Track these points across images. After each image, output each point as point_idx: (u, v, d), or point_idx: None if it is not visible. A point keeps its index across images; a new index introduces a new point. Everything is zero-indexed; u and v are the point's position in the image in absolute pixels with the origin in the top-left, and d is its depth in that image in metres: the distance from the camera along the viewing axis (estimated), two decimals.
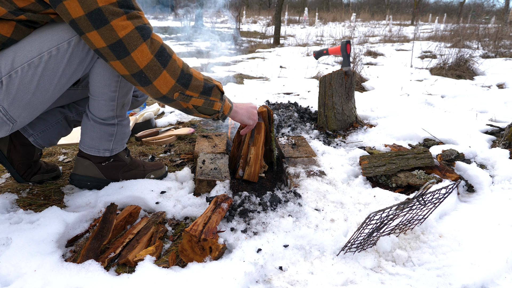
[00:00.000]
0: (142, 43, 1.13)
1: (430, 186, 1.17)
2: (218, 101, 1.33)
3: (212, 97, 1.31)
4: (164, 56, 1.17)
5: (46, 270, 1.03)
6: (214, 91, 1.31)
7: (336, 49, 2.41)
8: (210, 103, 1.31)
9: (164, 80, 1.19)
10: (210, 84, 1.30)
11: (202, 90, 1.27)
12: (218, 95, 1.33)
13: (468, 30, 10.08)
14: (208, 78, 1.31)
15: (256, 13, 24.50)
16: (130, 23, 1.11)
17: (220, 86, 1.34)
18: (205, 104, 1.30)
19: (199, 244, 1.10)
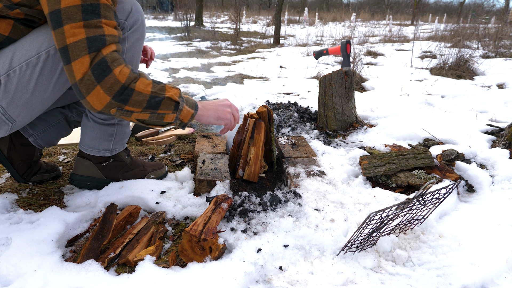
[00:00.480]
0: (86, 55, 1.04)
1: (430, 186, 1.17)
2: (170, 113, 1.20)
3: (161, 110, 1.17)
4: (102, 70, 1.05)
5: (46, 270, 1.03)
6: (164, 104, 1.17)
7: (336, 49, 2.41)
8: (159, 116, 1.19)
9: (97, 96, 1.07)
10: (159, 97, 1.15)
11: (146, 105, 1.14)
12: (171, 107, 1.19)
13: (468, 30, 10.09)
14: (159, 90, 1.16)
15: (256, 13, 24.51)
16: (84, 31, 1.04)
17: (173, 96, 1.19)
18: (152, 117, 1.18)
19: (199, 244, 1.10)
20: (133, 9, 1.31)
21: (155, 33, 10.32)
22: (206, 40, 8.92)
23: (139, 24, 1.34)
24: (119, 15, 1.27)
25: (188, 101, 1.26)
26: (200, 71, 4.89)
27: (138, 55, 1.40)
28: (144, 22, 1.38)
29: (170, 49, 7.05)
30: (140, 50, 1.41)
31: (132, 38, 1.33)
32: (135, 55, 1.37)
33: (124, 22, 1.29)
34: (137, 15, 1.33)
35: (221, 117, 1.38)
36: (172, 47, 7.30)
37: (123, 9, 1.28)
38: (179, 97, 1.21)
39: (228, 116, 1.40)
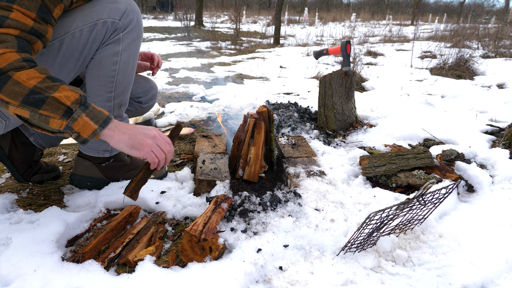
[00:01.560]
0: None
1: (430, 186, 1.17)
2: (57, 118, 1.00)
3: (43, 111, 0.98)
4: None
5: (46, 270, 1.03)
6: (48, 105, 0.98)
7: (336, 49, 2.41)
8: (42, 118, 1.00)
9: None
10: (42, 94, 0.97)
11: (24, 100, 0.97)
12: (58, 111, 0.99)
13: (468, 30, 10.08)
14: (47, 87, 0.99)
15: (256, 13, 24.51)
16: None
17: (63, 98, 0.99)
18: (33, 117, 1.00)
19: (199, 244, 1.10)
20: (128, 9, 1.27)
21: (155, 33, 10.32)
22: (206, 40, 8.92)
23: (134, 24, 1.30)
24: (113, 15, 1.23)
25: (93, 113, 1.04)
26: (200, 71, 4.89)
27: (135, 57, 1.36)
28: (141, 22, 1.34)
29: (170, 49, 7.05)
30: (137, 51, 1.37)
31: (128, 39, 1.30)
32: (131, 56, 1.34)
33: (118, 22, 1.25)
34: (132, 15, 1.29)
35: (136, 147, 1.12)
36: (172, 47, 7.30)
37: (117, 9, 1.24)
38: (74, 103, 1.01)
39: (146, 149, 1.13)
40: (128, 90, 1.43)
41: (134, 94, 1.64)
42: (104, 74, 1.31)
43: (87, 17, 1.20)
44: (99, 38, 1.24)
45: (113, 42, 1.27)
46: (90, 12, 1.21)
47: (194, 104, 3.10)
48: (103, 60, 1.28)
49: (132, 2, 1.31)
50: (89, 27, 1.21)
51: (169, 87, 3.86)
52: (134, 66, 1.38)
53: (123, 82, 1.36)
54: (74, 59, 1.24)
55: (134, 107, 1.67)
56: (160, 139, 1.16)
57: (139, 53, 1.42)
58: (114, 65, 1.30)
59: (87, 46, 1.23)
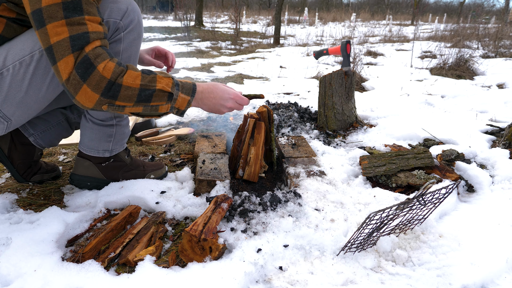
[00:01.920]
0: (70, 54, 1.02)
1: (430, 186, 1.17)
2: (164, 104, 1.18)
3: (153, 102, 1.15)
4: (86, 68, 1.03)
5: (46, 270, 1.03)
6: (156, 96, 1.14)
7: (336, 49, 2.41)
8: (153, 108, 1.17)
9: (85, 95, 1.06)
10: (150, 89, 1.13)
11: (137, 99, 1.12)
12: (164, 98, 1.16)
13: (468, 30, 10.09)
14: (149, 81, 1.13)
15: (256, 13, 24.51)
16: (67, 30, 1.01)
17: (165, 87, 1.16)
18: (145, 110, 1.16)
19: (199, 244, 1.10)
20: (129, 8, 1.28)
21: (155, 33, 10.32)
22: (206, 40, 8.92)
23: (135, 24, 1.31)
24: (114, 14, 1.25)
25: (184, 87, 1.22)
26: (200, 71, 4.89)
27: (135, 56, 1.38)
28: (141, 22, 1.35)
29: (170, 49, 7.05)
30: (138, 51, 1.39)
31: (128, 39, 1.31)
32: (131, 55, 1.35)
33: (119, 22, 1.26)
34: (133, 15, 1.30)
35: (214, 111, 1.34)
36: (172, 47, 7.30)
37: (118, 9, 1.25)
38: (172, 87, 1.17)
39: (224, 111, 1.36)
40: None
41: None
42: None
43: None
44: None
45: (114, 42, 1.28)
46: None
47: None
48: None
49: (133, 2, 1.31)
50: None
51: None
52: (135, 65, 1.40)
53: None
54: None
55: None
56: (237, 97, 1.37)
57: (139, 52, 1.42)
58: None
59: None
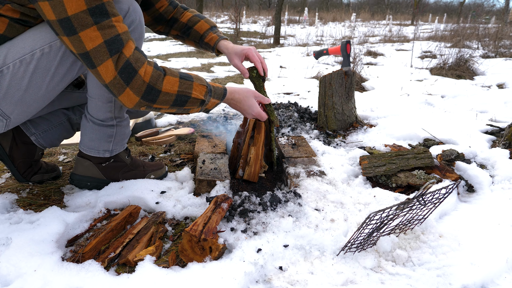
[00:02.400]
0: (108, 58, 1.09)
1: (430, 186, 1.17)
2: (196, 107, 1.30)
3: (187, 106, 1.28)
4: (128, 73, 1.11)
5: (46, 270, 1.03)
6: (190, 102, 1.27)
7: (336, 49, 2.41)
8: (186, 110, 1.30)
9: (128, 97, 1.15)
10: (185, 96, 1.24)
11: (173, 104, 1.23)
12: (196, 103, 1.29)
13: (468, 30, 10.09)
14: (186, 88, 1.24)
15: (256, 13, 24.51)
16: (100, 34, 1.06)
17: (199, 96, 1.27)
18: (178, 111, 1.29)
19: (199, 244, 1.10)
20: (131, 9, 1.28)
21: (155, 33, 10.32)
22: None
23: (136, 24, 1.31)
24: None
25: (216, 93, 1.34)
26: (200, 71, 4.89)
27: None
28: (142, 22, 1.35)
29: (170, 49, 7.05)
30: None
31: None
32: None
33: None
34: (135, 15, 1.29)
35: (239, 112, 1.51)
36: (172, 47, 7.30)
37: (120, 9, 1.25)
38: (205, 94, 1.29)
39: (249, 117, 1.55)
40: None
41: None
42: None
43: None
44: None
45: None
46: None
47: None
48: None
49: (135, 2, 1.31)
50: None
51: None
52: None
53: None
54: (78, 61, 1.24)
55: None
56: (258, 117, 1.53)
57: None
58: None
59: None
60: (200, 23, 1.68)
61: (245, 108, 1.48)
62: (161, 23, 1.71)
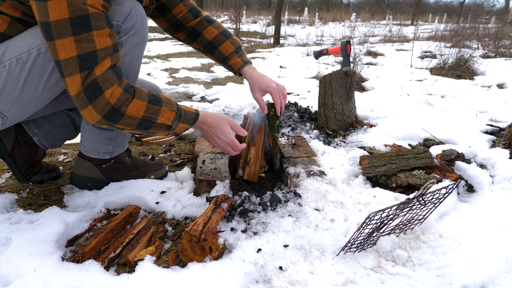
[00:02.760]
0: (77, 73, 1.05)
1: (430, 186, 1.17)
2: (161, 131, 1.26)
3: (151, 130, 1.23)
4: (93, 92, 1.07)
5: (46, 270, 1.03)
6: (155, 127, 1.22)
7: (336, 49, 2.41)
8: (150, 133, 1.26)
9: (89, 114, 1.11)
10: (150, 121, 1.19)
11: (136, 127, 1.19)
12: (162, 128, 1.24)
13: (468, 30, 10.09)
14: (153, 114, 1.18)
15: (256, 13, 24.50)
16: (75, 47, 1.02)
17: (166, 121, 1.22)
18: (143, 133, 1.25)
19: (199, 244, 1.10)
20: (132, 11, 1.22)
21: (155, 33, 10.32)
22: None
23: (138, 28, 1.25)
24: (116, 17, 1.19)
25: (185, 118, 1.28)
26: (200, 71, 4.89)
27: (138, 61, 1.33)
28: (145, 25, 1.29)
29: (170, 49, 7.05)
30: (141, 55, 1.33)
31: (131, 43, 1.25)
32: (134, 60, 1.29)
33: (121, 25, 1.20)
34: (136, 18, 1.24)
35: (209, 141, 1.42)
36: (172, 47, 7.30)
37: (121, 11, 1.20)
38: (173, 120, 1.24)
39: (217, 146, 1.44)
40: None
41: None
42: None
43: None
44: None
45: None
46: None
47: (194, 104, 3.10)
48: None
49: (137, 4, 1.25)
50: None
51: (169, 87, 3.86)
52: (137, 70, 1.35)
53: None
54: None
55: None
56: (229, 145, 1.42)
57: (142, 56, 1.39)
58: None
59: None
60: (225, 44, 1.61)
61: (217, 134, 1.39)
62: (179, 30, 1.65)
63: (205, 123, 1.36)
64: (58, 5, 0.98)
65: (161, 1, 1.55)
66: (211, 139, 1.41)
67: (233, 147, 1.43)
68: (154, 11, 1.58)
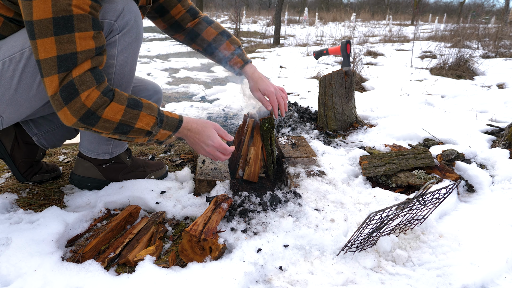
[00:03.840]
0: (55, 74, 1.03)
1: (430, 186, 1.17)
2: (141, 138, 1.21)
3: (130, 135, 1.19)
4: (69, 93, 1.05)
5: (46, 270, 1.03)
6: (133, 132, 1.18)
7: (336, 49, 2.41)
8: (130, 138, 1.21)
9: (65, 116, 1.09)
10: (128, 126, 1.15)
11: (114, 131, 1.15)
12: (141, 134, 1.19)
13: (468, 30, 10.08)
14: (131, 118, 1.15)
15: (256, 13, 24.50)
16: (55, 48, 1.01)
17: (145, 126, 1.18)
18: (122, 138, 1.20)
19: (199, 244, 1.10)
20: (125, 9, 1.20)
21: (155, 33, 10.32)
22: None
23: (131, 26, 1.23)
24: (109, 15, 1.18)
25: (167, 124, 1.24)
26: (200, 71, 4.89)
27: (133, 59, 1.31)
28: (139, 23, 1.28)
29: (170, 49, 7.05)
30: (136, 54, 1.31)
31: (124, 41, 1.24)
32: (128, 58, 1.28)
33: (114, 23, 1.19)
34: (129, 16, 1.22)
35: (197, 149, 1.35)
36: (172, 47, 7.30)
37: (113, 9, 1.19)
38: (153, 126, 1.20)
39: (203, 153, 1.36)
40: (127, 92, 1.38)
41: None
42: None
43: None
44: None
45: (108, 45, 1.21)
46: None
47: (194, 104, 3.10)
48: None
49: (131, 2, 1.24)
50: None
51: (169, 87, 3.87)
52: (132, 69, 1.33)
53: (120, 86, 1.30)
54: None
55: None
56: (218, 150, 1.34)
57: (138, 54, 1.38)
58: (110, 68, 1.25)
59: None
60: (225, 45, 1.61)
61: (203, 139, 1.32)
62: (178, 31, 1.64)
63: (190, 129, 1.30)
64: (42, 4, 0.97)
65: (159, 1, 1.54)
66: (197, 147, 1.34)
67: (222, 151, 1.35)
68: (152, 12, 1.57)
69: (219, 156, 1.36)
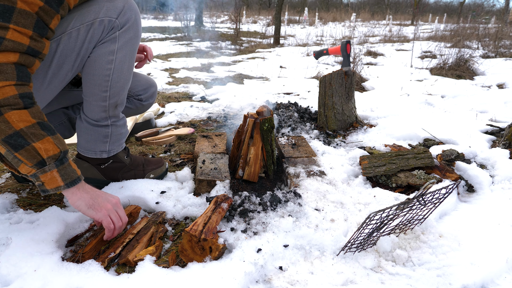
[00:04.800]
0: None
1: (430, 186, 1.17)
2: (28, 165, 1.03)
3: (19, 155, 1.01)
4: None
5: (46, 270, 1.03)
6: (25, 151, 1.01)
7: (336, 49, 2.41)
8: (15, 160, 1.02)
9: None
10: (24, 140, 1.00)
11: (5, 139, 0.99)
12: (32, 160, 1.02)
13: (468, 30, 10.08)
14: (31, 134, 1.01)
15: (256, 13, 24.50)
16: None
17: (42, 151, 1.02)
18: (8, 155, 1.02)
19: (199, 244, 1.10)
20: (126, 7, 1.24)
21: (155, 33, 10.32)
22: (206, 40, 8.92)
23: (131, 23, 1.27)
24: (110, 13, 1.21)
25: (65, 171, 1.08)
26: (200, 71, 4.89)
27: (131, 56, 1.33)
28: (139, 21, 1.31)
29: (170, 49, 7.05)
30: (134, 51, 1.34)
31: (124, 38, 1.27)
32: (127, 55, 1.31)
33: (115, 20, 1.23)
34: (130, 14, 1.26)
35: (95, 208, 1.15)
36: (172, 47, 7.30)
37: (114, 7, 1.22)
38: (51, 157, 1.04)
39: (104, 212, 1.16)
40: (125, 90, 1.41)
41: (134, 91, 1.63)
42: (99, 73, 1.29)
43: (84, 16, 1.19)
44: (96, 37, 1.23)
45: (109, 41, 1.25)
46: (87, 11, 1.20)
47: (194, 104, 3.10)
48: (98, 58, 1.27)
49: (131, 0, 1.28)
50: (86, 27, 1.19)
51: (169, 87, 3.86)
52: (131, 65, 1.36)
53: (119, 81, 1.33)
54: (71, 59, 1.23)
55: (134, 104, 1.66)
56: (120, 208, 1.22)
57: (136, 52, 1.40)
58: (109, 64, 1.28)
59: (84, 45, 1.22)
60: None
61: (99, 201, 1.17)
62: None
63: (88, 192, 1.16)
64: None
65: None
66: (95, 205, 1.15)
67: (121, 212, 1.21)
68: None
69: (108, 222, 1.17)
